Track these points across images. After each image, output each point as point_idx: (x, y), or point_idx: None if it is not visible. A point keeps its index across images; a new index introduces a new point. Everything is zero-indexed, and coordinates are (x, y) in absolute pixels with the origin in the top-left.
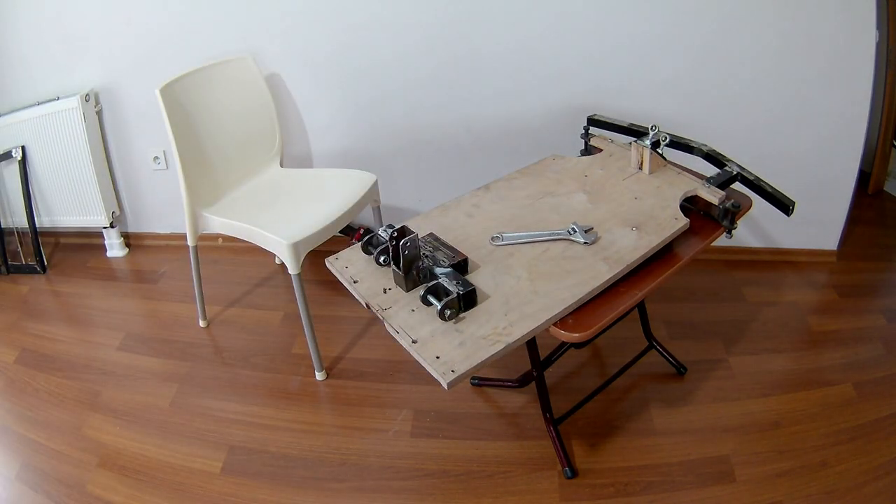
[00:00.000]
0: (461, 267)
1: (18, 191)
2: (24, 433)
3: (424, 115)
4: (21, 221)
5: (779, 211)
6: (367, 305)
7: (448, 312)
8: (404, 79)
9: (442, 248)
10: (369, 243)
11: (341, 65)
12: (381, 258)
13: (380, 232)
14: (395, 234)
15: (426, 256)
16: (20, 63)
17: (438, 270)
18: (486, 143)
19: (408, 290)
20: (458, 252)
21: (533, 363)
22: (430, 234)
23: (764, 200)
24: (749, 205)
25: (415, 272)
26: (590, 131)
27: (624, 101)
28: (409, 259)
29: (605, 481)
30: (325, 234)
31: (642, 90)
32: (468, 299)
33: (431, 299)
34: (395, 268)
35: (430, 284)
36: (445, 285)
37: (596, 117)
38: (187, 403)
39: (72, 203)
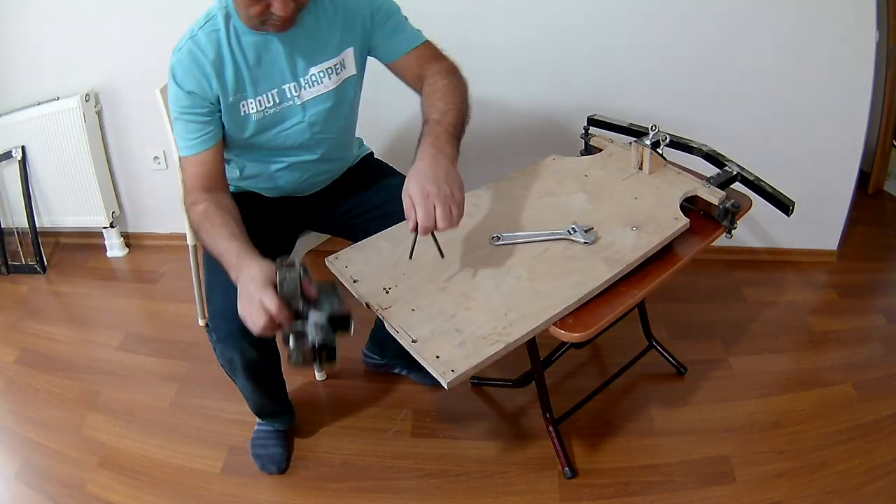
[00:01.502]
0: (342, 321)
1: (18, 191)
2: (24, 433)
3: None
4: (21, 221)
5: (779, 211)
6: (367, 305)
7: (294, 357)
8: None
9: (336, 296)
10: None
11: None
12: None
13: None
14: (283, 268)
15: (307, 300)
16: (20, 63)
17: (313, 317)
18: (486, 142)
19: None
20: (345, 306)
21: (533, 363)
22: (330, 283)
23: (764, 200)
24: (749, 205)
25: (293, 308)
26: (590, 131)
27: (624, 101)
28: (285, 295)
29: (605, 481)
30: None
31: (642, 90)
32: (323, 350)
33: (291, 342)
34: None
35: (295, 326)
36: (308, 333)
37: (596, 117)
38: (187, 403)
39: (72, 203)
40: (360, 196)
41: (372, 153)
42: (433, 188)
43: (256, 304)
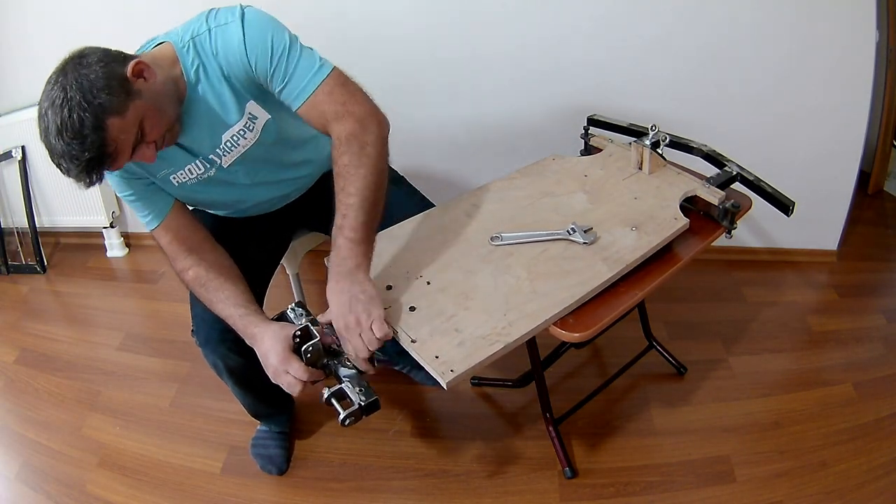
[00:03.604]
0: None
1: (18, 191)
2: (24, 433)
3: (423, 114)
4: (21, 221)
5: (779, 211)
6: None
7: (348, 421)
8: (403, 78)
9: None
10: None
11: (340, 63)
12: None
13: (287, 311)
14: (300, 334)
15: (331, 352)
16: (21, 63)
17: (342, 372)
18: (486, 143)
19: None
20: None
21: (533, 363)
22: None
23: (764, 200)
24: (749, 205)
25: (320, 366)
26: (590, 131)
27: (624, 101)
28: (310, 361)
29: (605, 481)
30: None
31: (642, 90)
32: (370, 408)
33: (335, 404)
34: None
35: (333, 389)
36: (348, 392)
37: (596, 117)
38: (187, 403)
39: (72, 203)
40: None
41: None
42: (351, 319)
43: (286, 377)
